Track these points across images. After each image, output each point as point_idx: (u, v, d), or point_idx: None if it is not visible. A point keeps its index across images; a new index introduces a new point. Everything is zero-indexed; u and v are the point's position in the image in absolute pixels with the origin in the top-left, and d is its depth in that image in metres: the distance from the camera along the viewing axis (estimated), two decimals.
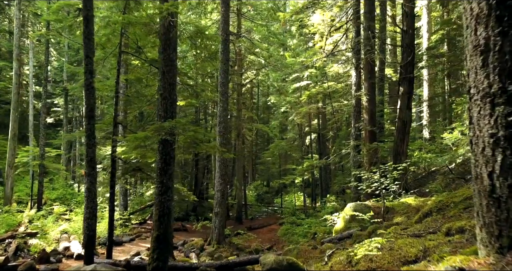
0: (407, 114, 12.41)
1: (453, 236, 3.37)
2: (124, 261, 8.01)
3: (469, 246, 2.77)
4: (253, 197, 33.15)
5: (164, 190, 6.93)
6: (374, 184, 8.80)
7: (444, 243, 3.15)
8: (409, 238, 3.97)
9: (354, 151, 12.95)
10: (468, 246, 2.82)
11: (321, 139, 25.16)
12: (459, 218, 4.68)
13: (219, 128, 14.57)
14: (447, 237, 3.45)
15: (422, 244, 3.34)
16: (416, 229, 4.72)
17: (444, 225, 4.07)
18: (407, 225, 5.85)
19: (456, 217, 4.77)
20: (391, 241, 4.00)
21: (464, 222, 3.50)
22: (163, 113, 7.04)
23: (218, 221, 14.33)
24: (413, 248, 3.28)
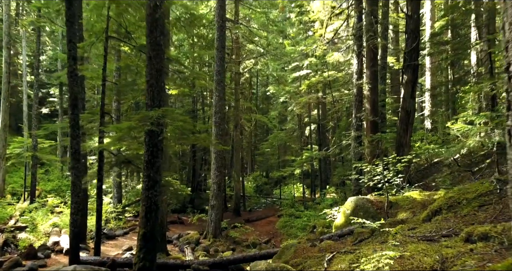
0: (411, 104, 11.87)
1: (474, 243, 2.88)
2: (110, 260, 7.55)
3: (500, 259, 2.28)
4: (252, 188, 32.76)
5: (151, 184, 6.44)
6: (376, 177, 8.30)
7: (466, 252, 2.67)
8: (420, 243, 3.48)
9: (355, 142, 12.44)
10: (497, 258, 2.34)
11: (321, 129, 24.64)
12: (475, 218, 4.18)
13: (215, 119, 14.04)
14: (467, 244, 2.96)
15: (438, 252, 2.85)
16: (426, 229, 4.22)
17: (463, 229, 3.57)
18: (415, 223, 5.36)
19: (471, 217, 4.28)
20: (400, 246, 3.50)
21: (488, 227, 3.00)
22: (149, 102, 6.50)
23: (214, 214, 13.90)
24: (427, 257, 2.80)
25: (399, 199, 8.02)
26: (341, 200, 17.67)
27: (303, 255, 6.56)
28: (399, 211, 7.42)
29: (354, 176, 9.79)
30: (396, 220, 6.57)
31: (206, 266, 7.72)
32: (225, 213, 21.42)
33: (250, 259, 7.94)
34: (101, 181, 8.63)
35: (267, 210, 23.45)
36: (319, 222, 14.95)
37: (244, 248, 13.93)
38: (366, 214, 7.83)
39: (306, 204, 19.70)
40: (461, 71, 23.85)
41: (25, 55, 26.59)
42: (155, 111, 6.06)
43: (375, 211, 7.80)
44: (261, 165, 36.94)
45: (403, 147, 11.62)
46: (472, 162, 10.45)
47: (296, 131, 28.75)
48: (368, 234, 6.49)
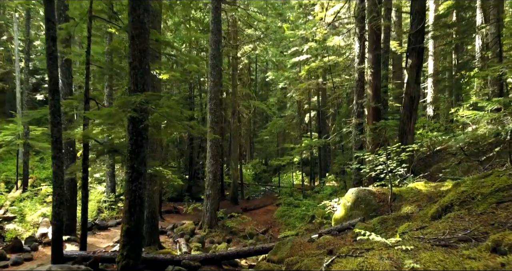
0: (415, 89, 11.28)
1: (505, 255, 2.37)
2: (93, 258, 7.08)
3: None
4: (251, 175, 32.36)
5: (135, 176, 5.92)
6: (378, 167, 7.79)
7: (496, 268, 2.17)
8: (435, 250, 2.96)
9: (356, 130, 11.89)
10: None
11: (320, 116, 24.06)
12: (494, 217, 3.67)
13: (210, 105, 13.47)
14: (494, 255, 2.45)
15: (459, 265, 2.35)
16: (438, 230, 3.71)
17: (482, 231, 3.08)
18: (422, 220, 4.86)
19: (488, 216, 3.76)
20: (410, 253, 2.99)
21: None
22: (132, 86, 5.93)
23: (210, 204, 13.46)
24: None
25: (403, 191, 7.52)
26: (341, 188, 17.24)
27: (300, 252, 6.09)
28: (403, 204, 6.93)
29: (355, 165, 9.29)
30: (400, 214, 6.07)
31: (198, 262, 7.27)
32: (222, 202, 21.06)
33: (244, 254, 7.49)
34: (86, 171, 8.11)
35: (265, 198, 23.06)
36: (318, 212, 14.55)
37: (241, 238, 13.54)
38: (367, 206, 7.36)
39: (305, 193, 19.28)
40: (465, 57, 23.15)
41: (17, 39, 25.78)
42: (137, 97, 5.49)
43: (377, 204, 7.32)
44: (260, 152, 36.52)
45: (406, 135, 11.08)
46: (479, 150, 9.94)
47: (296, 118, 28.16)
48: (370, 229, 6.00)
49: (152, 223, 10.49)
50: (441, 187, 7.08)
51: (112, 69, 9.47)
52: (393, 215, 6.03)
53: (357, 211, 7.47)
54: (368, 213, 7.27)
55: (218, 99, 13.71)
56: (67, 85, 11.21)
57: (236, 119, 20.98)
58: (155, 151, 10.44)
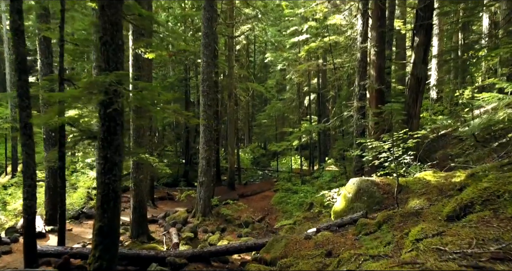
0: (422, 70, 10.49)
1: None
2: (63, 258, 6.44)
3: None
4: (249, 160, 31.76)
5: (108, 167, 5.21)
6: (382, 154, 7.09)
7: None
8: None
9: (357, 114, 11.14)
10: None
11: (320, 99, 23.22)
12: None
13: (203, 87, 12.66)
14: None
15: None
16: (461, 239, 3.02)
17: None
18: (437, 221, 4.18)
19: None
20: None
21: None
22: (104, 64, 5.15)
23: (203, 191, 12.84)
24: None
25: (410, 181, 6.83)
26: (341, 174, 16.60)
27: (295, 252, 5.44)
28: (410, 197, 6.25)
29: (356, 152, 8.60)
30: (408, 210, 5.39)
31: (184, 259, 6.65)
32: (219, 187, 20.49)
33: (235, 251, 6.87)
34: (63, 160, 7.41)
35: (263, 184, 22.49)
36: (316, 199, 13.93)
37: (236, 227, 12.97)
38: (370, 199, 6.69)
39: (304, 178, 18.66)
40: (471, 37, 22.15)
41: (5, 19, 24.69)
42: (105, 76, 4.72)
43: (381, 196, 6.64)
44: (258, 136, 35.79)
45: (412, 119, 10.36)
46: (491, 136, 9.22)
47: (295, 102, 27.32)
48: (374, 227, 5.35)
49: (140, 213, 9.87)
50: (452, 178, 6.39)
51: (89, 47, 8.63)
52: (401, 211, 5.35)
53: (359, 204, 6.81)
54: (371, 206, 6.61)
55: (212, 81, 12.89)
56: (46, 66, 10.39)
57: (233, 102, 20.17)
58: (142, 137, 9.71)
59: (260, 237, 12.39)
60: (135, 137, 9.64)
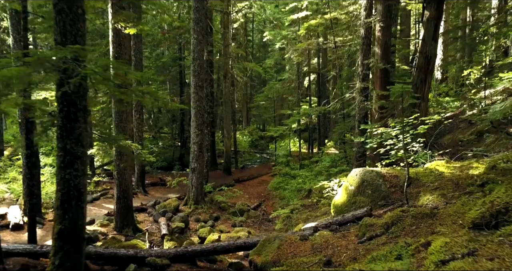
0: (432, 47, 9.56)
1: None
2: (19, 265, 5.72)
3: None
4: (247, 142, 31.04)
5: (69, 160, 4.41)
6: (388, 142, 6.30)
7: None
8: None
9: (360, 95, 10.28)
10: None
11: (321, 79, 22.25)
12: None
13: (194, 67, 11.75)
14: None
15: None
16: (505, 266, 2.25)
17: None
18: (460, 229, 3.42)
19: None
20: None
21: None
22: (59, 37, 4.28)
23: (195, 178, 12.12)
24: None
25: (420, 173, 6.06)
26: (340, 159, 15.86)
27: (289, 257, 4.71)
28: (422, 191, 5.48)
29: (358, 139, 7.80)
30: (421, 209, 4.63)
31: (167, 259, 5.95)
32: (215, 172, 19.81)
33: (223, 250, 6.16)
34: (31, 148, 6.61)
35: (260, 168, 21.81)
36: (315, 186, 13.25)
37: (230, 215, 12.33)
38: (375, 193, 5.93)
39: (302, 163, 17.94)
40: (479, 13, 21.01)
41: None
42: (56, 51, 3.86)
43: (387, 190, 5.88)
44: (257, 118, 34.92)
45: (419, 101, 9.50)
46: (508, 119, 8.38)
47: (294, 82, 26.32)
48: (381, 229, 4.60)
49: (125, 204, 9.16)
50: (468, 169, 5.61)
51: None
52: (412, 211, 4.59)
53: (362, 198, 6.05)
54: (376, 201, 5.86)
55: (203, 60, 11.95)
56: (19, 42, 9.45)
57: (229, 83, 19.24)
58: (125, 121, 8.89)
59: (255, 225, 11.78)
60: (117, 122, 8.82)
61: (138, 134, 13.96)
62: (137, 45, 13.67)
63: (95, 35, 19.32)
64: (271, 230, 11.02)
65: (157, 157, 23.24)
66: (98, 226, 9.37)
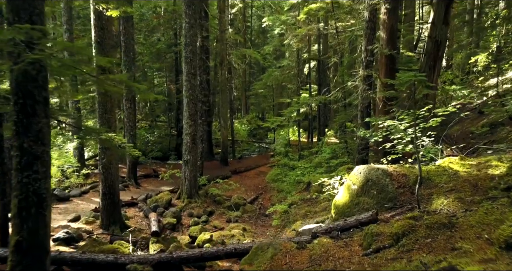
0: (443, 31, 8.83)
1: None
2: None
3: None
4: (246, 131, 30.35)
5: (27, 161, 3.79)
6: (395, 135, 5.66)
7: None
8: None
9: (363, 84, 9.59)
10: None
11: (321, 66, 21.46)
12: None
13: (186, 53, 11.02)
14: None
15: None
16: None
17: None
18: (489, 248, 2.80)
19: None
20: None
21: None
22: (11, 17, 3.61)
23: (188, 171, 11.52)
24: None
25: (432, 172, 5.42)
26: (341, 150, 15.24)
27: (284, 269, 4.12)
28: (435, 194, 4.86)
29: (362, 133, 7.17)
30: (436, 218, 4.01)
31: (149, 266, 5.37)
32: (211, 162, 19.22)
33: (211, 257, 5.58)
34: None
35: (258, 158, 21.23)
36: (314, 178, 12.66)
37: (225, 209, 11.77)
38: (381, 194, 5.31)
39: (301, 154, 17.33)
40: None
41: None
42: (3, 32, 3.19)
43: (395, 191, 5.26)
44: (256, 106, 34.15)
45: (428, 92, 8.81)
46: None
47: (294, 70, 25.50)
48: (389, 239, 3.99)
49: (111, 200, 8.57)
50: (487, 168, 4.99)
51: None
52: (426, 219, 3.97)
53: (367, 199, 5.44)
54: (382, 203, 5.25)
55: (196, 46, 11.21)
56: None
57: (225, 70, 18.46)
58: (110, 112, 8.23)
59: (251, 221, 11.22)
60: (100, 112, 8.17)
61: (130, 124, 13.31)
62: (127, 30, 12.91)
63: (87, 21, 18.51)
64: (268, 226, 10.48)
65: (152, 146, 22.71)
66: (83, 224, 8.80)
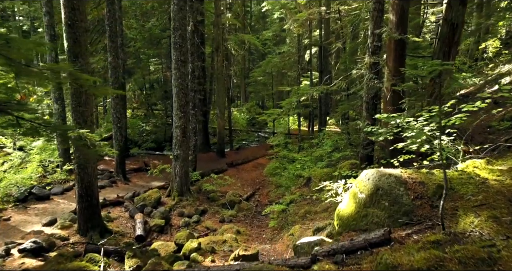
0: (460, 13, 7.84)
1: None
2: None
3: None
4: (245, 120, 29.45)
5: None
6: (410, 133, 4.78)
7: None
8: None
9: (370, 72, 8.63)
10: None
11: (323, 52, 20.40)
12: None
13: (175, 38, 10.03)
14: None
15: None
16: None
17: None
18: None
19: None
20: None
21: None
22: None
23: (179, 167, 10.68)
24: None
25: (455, 179, 4.55)
26: (343, 140, 14.32)
27: None
28: (460, 208, 3.99)
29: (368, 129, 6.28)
30: (472, 250, 3.14)
31: None
32: (207, 154, 18.39)
33: None
34: None
35: (257, 149, 20.38)
36: (314, 173, 11.83)
37: (219, 207, 10.98)
38: (394, 206, 4.44)
39: (301, 146, 16.46)
40: None
41: None
42: None
43: (411, 203, 4.38)
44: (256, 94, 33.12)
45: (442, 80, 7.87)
46: None
47: (294, 56, 24.41)
48: None
49: (89, 202, 7.74)
50: None
51: None
52: (457, 251, 3.10)
53: (377, 211, 4.58)
54: (396, 217, 4.38)
55: (185, 30, 10.20)
56: None
57: (221, 57, 17.44)
58: (85, 105, 7.31)
59: (247, 220, 10.41)
60: (74, 105, 7.26)
61: (117, 116, 12.40)
62: (112, 13, 11.89)
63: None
64: (265, 227, 9.69)
65: (147, 137, 21.85)
66: (58, 229, 7.98)
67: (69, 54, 7.18)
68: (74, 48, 7.15)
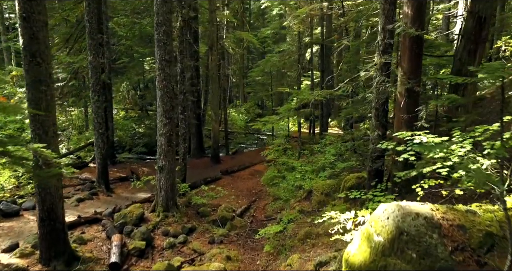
0: (487, 5, 6.67)
1: None
2: None
3: None
4: (243, 121, 28.31)
5: None
6: (439, 154, 3.65)
7: None
8: None
9: (380, 74, 7.46)
10: None
11: (324, 51, 19.23)
12: None
13: (158, 35, 8.88)
14: None
15: None
16: None
17: None
18: None
19: None
20: None
21: None
22: None
23: (164, 179, 9.54)
24: None
25: (504, 221, 3.39)
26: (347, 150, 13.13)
27: None
28: None
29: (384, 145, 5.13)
30: None
31: None
32: (201, 160, 17.25)
33: None
34: None
35: (254, 153, 19.19)
36: (316, 184, 10.69)
37: (210, 224, 9.84)
38: (426, 259, 3.29)
39: (302, 152, 15.29)
40: None
41: None
42: None
43: (448, 257, 3.23)
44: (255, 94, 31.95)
45: (466, 83, 6.73)
46: None
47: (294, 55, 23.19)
48: None
49: (52, 227, 6.61)
50: None
51: None
52: None
53: (400, 263, 3.43)
54: None
55: (170, 26, 9.02)
56: None
57: (215, 56, 16.28)
58: (47, 110, 6.16)
59: (239, 241, 9.25)
60: (32, 113, 6.12)
61: (98, 121, 11.26)
62: (92, 8, 10.74)
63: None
64: (259, 250, 8.55)
65: (138, 140, 20.72)
66: (16, 257, 6.83)
67: (25, 53, 6.06)
68: (31, 45, 6.03)
